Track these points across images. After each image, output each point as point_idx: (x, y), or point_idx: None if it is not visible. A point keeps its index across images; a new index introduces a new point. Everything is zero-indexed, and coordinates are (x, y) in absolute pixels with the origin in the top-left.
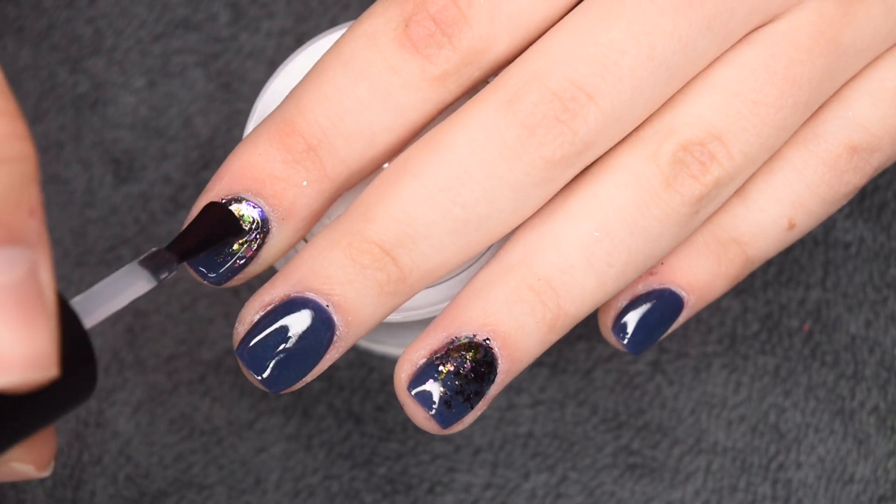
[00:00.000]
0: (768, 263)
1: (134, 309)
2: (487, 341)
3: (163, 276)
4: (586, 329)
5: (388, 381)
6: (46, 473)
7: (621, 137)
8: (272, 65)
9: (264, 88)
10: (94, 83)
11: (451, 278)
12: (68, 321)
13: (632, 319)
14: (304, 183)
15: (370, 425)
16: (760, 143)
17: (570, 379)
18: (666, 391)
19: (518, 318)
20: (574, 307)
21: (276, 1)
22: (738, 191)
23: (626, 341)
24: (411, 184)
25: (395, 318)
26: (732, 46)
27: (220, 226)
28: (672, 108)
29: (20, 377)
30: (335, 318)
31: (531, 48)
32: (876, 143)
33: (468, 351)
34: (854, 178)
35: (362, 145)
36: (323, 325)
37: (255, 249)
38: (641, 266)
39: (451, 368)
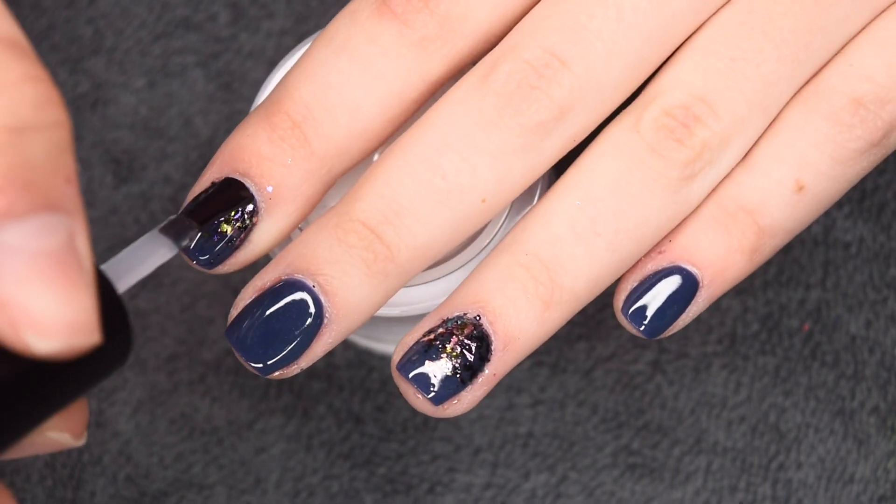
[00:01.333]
0: (768, 263)
1: (134, 309)
2: (478, 318)
3: (184, 242)
4: (586, 329)
5: (388, 381)
6: (82, 442)
7: (607, 107)
8: (272, 65)
9: (263, 87)
10: (94, 83)
11: (451, 273)
12: (103, 288)
13: (643, 301)
14: (290, 161)
15: (370, 425)
16: (747, 101)
17: (570, 379)
18: (666, 391)
19: (509, 294)
20: (568, 280)
21: (276, 1)
22: (743, 159)
23: (638, 324)
24: (395, 161)
25: (393, 312)
26: (716, 12)
27: (236, 202)
28: (656, 78)
29: (64, 342)
30: (322, 298)
31: (512, 29)
32: (885, 93)
33: (459, 329)
34: (864, 132)
35: (346, 118)
36: (309, 306)
37: (246, 232)
38: (636, 235)
39: (440, 345)
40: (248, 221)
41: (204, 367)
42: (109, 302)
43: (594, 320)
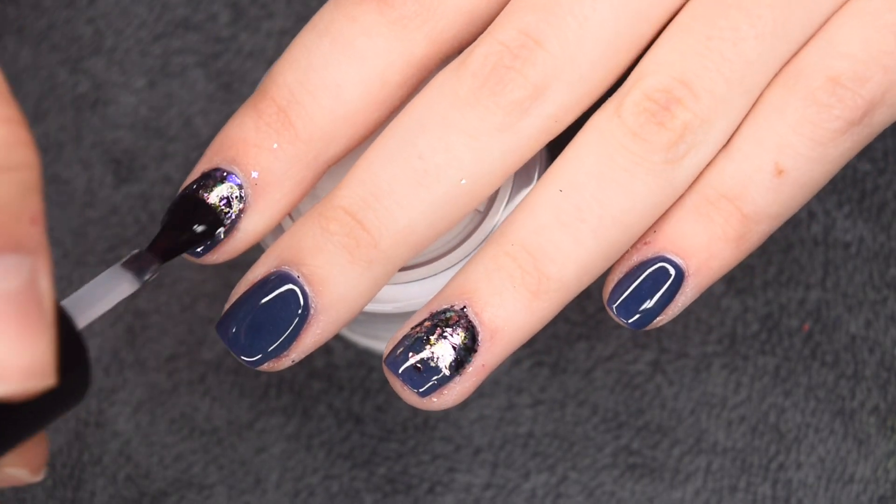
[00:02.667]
0: (768, 263)
1: (134, 309)
2: (464, 309)
3: (146, 277)
4: (586, 329)
5: (387, 380)
6: (40, 478)
7: (587, 87)
8: (272, 65)
9: None
10: (94, 83)
11: (449, 269)
12: (62, 324)
13: (629, 293)
14: (275, 145)
15: (370, 425)
16: (726, 80)
17: (570, 379)
18: (666, 391)
19: (495, 284)
20: (555, 268)
21: (276, 1)
22: (725, 144)
23: (625, 316)
24: (375, 148)
25: (387, 308)
26: None
27: (201, 223)
28: (640, 62)
29: (18, 386)
30: (307, 289)
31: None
32: (863, 69)
33: (445, 321)
34: (843, 111)
35: (329, 100)
36: (296, 298)
37: (235, 219)
38: (622, 221)
39: (426, 337)
40: (236, 210)
41: (204, 367)
42: (69, 338)
43: (594, 320)
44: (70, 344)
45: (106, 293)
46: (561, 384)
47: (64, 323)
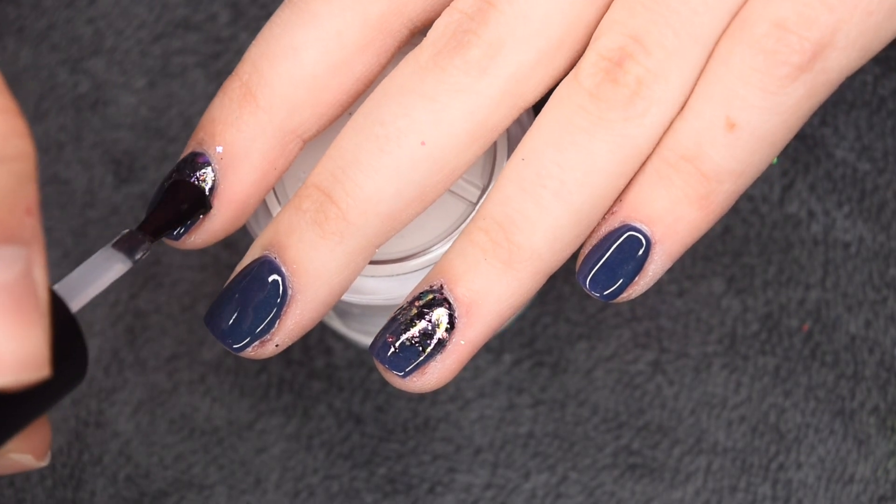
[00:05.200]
0: (768, 263)
1: (134, 309)
2: (441, 287)
3: (137, 256)
4: (586, 329)
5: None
6: (45, 463)
7: (543, 43)
8: None
9: None
10: (95, 83)
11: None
12: (56, 309)
13: (599, 265)
14: (236, 118)
15: (370, 425)
16: (675, 32)
17: (570, 379)
18: (666, 391)
19: (469, 260)
20: (524, 237)
21: (276, 1)
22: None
23: (596, 290)
24: (347, 124)
25: (381, 300)
26: None
27: (187, 201)
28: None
29: (13, 378)
30: (283, 269)
31: None
32: (809, 12)
33: (426, 303)
34: (790, 56)
35: (287, 64)
36: (273, 279)
37: (207, 197)
38: (584, 182)
39: (406, 319)
40: (208, 188)
41: (204, 367)
42: (63, 322)
43: (594, 320)
44: (65, 328)
45: (99, 275)
46: (561, 384)
47: (58, 307)
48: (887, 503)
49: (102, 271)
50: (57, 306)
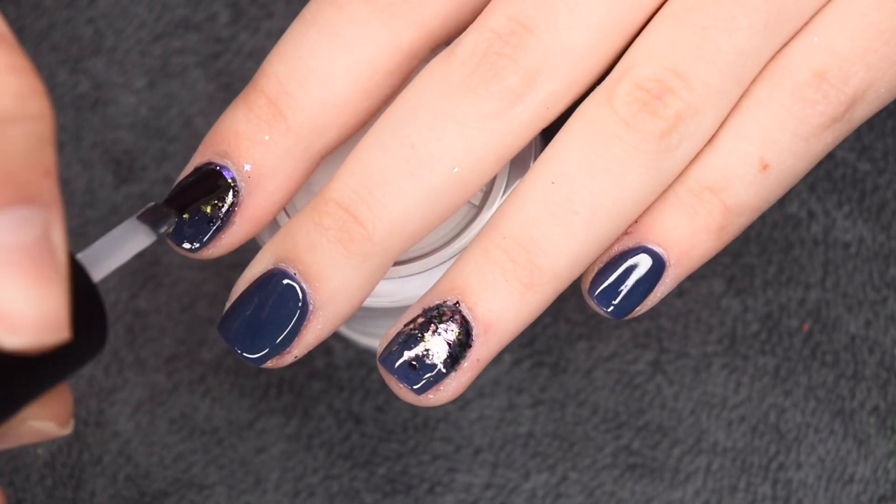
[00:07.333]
0: (768, 263)
1: (134, 309)
2: (457, 304)
3: (162, 229)
4: (587, 329)
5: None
6: (68, 430)
7: (579, 73)
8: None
9: None
10: (95, 83)
11: (446, 262)
12: (77, 276)
13: (609, 281)
14: (267, 137)
15: (370, 425)
16: (720, 71)
17: (570, 379)
18: (666, 391)
19: (488, 278)
20: (547, 260)
21: (276, 1)
22: (710, 139)
23: (605, 305)
24: (367, 139)
25: (383, 303)
26: None
27: (209, 181)
28: (629, 50)
29: (33, 339)
30: (304, 286)
31: None
32: (848, 66)
33: (438, 317)
34: (827, 107)
35: (318, 90)
36: (293, 293)
37: (229, 212)
38: (614, 211)
39: (419, 334)
40: (229, 203)
41: (204, 367)
42: (84, 291)
43: (594, 320)
44: (86, 296)
45: (122, 245)
46: (561, 384)
47: (80, 276)
48: (887, 503)
49: (125, 242)
50: (78, 274)
